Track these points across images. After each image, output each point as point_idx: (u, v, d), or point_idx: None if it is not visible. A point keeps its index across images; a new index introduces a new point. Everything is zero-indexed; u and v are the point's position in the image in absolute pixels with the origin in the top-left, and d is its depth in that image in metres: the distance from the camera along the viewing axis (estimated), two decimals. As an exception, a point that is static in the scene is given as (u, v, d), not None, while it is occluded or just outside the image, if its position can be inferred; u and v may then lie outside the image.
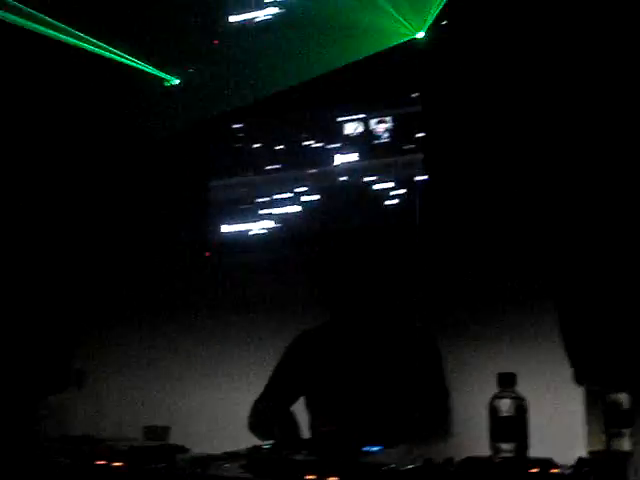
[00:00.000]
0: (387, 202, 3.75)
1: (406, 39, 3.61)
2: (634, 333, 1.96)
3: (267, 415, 2.77)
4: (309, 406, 2.88)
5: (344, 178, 3.89)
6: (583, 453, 1.90)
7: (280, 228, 4.01)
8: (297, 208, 3.98)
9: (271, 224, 4.03)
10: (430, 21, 3.58)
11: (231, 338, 3.96)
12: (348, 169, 3.90)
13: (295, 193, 3.99)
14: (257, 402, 2.91)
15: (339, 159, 3.91)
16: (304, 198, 3.97)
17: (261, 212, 4.06)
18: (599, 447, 2.08)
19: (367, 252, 2.88)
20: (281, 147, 4.06)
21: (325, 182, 3.92)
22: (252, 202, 4.09)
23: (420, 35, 3.64)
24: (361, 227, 3.74)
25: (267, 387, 2.94)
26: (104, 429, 3.08)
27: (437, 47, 3.57)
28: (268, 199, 4.06)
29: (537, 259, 3.12)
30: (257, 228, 4.06)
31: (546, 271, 2.49)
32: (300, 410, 2.88)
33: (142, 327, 4.21)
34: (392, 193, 3.75)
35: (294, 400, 2.90)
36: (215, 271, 4.11)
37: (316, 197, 3.93)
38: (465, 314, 3.37)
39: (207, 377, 4.01)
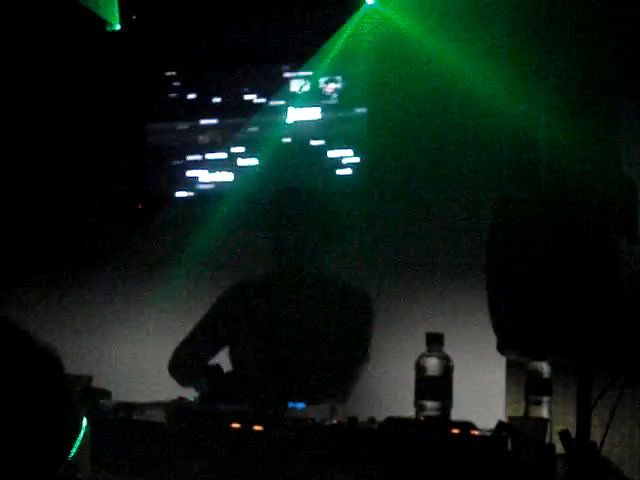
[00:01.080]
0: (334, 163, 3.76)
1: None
2: (555, 304, 2.00)
3: (192, 364, 2.76)
4: (234, 358, 2.86)
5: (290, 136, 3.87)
6: (503, 419, 1.94)
7: (219, 184, 3.98)
8: (239, 163, 3.95)
9: (210, 177, 4.00)
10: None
11: (157, 290, 3.92)
12: (293, 126, 3.87)
13: (234, 150, 3.97)
14: (179, 347, 2.89)
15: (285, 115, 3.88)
16: (244, 155, 3.94)
17: (199, 165, 4.03)
18: (518, 413, 2.14)
19: (310, 209, 2.84)
20: (224, 100, 4.01)
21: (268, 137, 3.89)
22: (191, 154, 4.05)
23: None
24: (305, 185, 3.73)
25: (192, 333, 2.92)
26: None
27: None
28: (206, 153, 4.02)
29: (471, 225, 3.20)
30: (194, 181, 4.02)
31: (479, 239, 2.52)
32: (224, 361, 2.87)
33: (65, 276, 4.13)
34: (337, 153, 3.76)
35: (217, 349, 2.89)
36: (146, 223, 4.06)
37: (256, 153, 3.91)
38: (399, 275, 3.42)
39: (131, 328, 3.97)
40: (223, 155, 3.98)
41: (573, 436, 1.90)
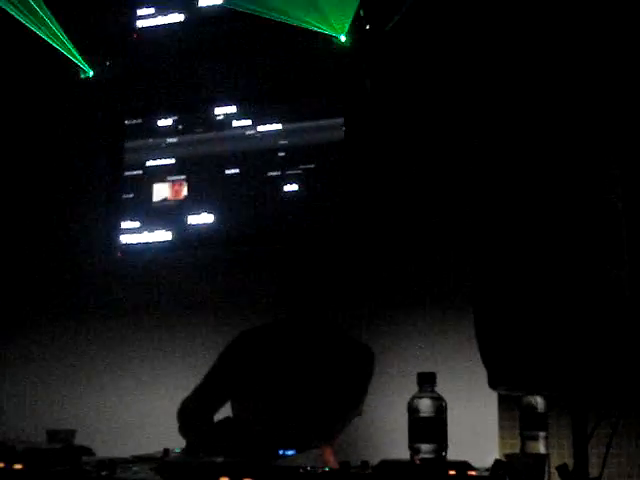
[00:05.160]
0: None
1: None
2: (548, 337, 1.96)
3: (192, 417, 2.71)
4: (235, 407, 2.83)
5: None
6: (497, 456, 1.90)
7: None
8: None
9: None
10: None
11: (139, 341, 3.86)
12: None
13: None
14: (185, 400, 2.85)
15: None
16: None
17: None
18: (514, 450, 2.09)
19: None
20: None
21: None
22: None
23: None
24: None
25: (200, 386, 2.88)
26: (3, 433, 2.93)
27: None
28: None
29: (456, 262, 3.17)
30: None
31: (464, 274, 2.49)
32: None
33: (45, 328, 4.06)
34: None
35: (223, 401, 2.85)
36: (124, 272, 4.00)
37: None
38: (388, 313, 3.39)
39: (114, 381, 3.89)
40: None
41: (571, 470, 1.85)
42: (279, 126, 3.85)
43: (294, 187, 3.76)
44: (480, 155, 2.09)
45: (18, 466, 1.87)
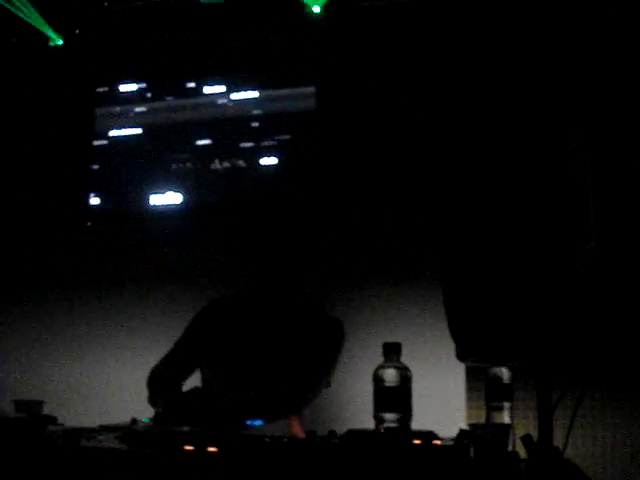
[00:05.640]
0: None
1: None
2: (514, 309, 1.98)
3: (161, 385, 2.70)
4: (203, 377, 2.83)
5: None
6: (463, 426, 1.92)
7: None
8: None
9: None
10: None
11: (108, 310, 3.84)
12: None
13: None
14: (154, 368, 2.83)
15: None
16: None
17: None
18: (479, 420, 2.11)
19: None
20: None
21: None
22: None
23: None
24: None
25: (169, 354, 2.87)
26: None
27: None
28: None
29: (425, 233, 3.19)
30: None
31: (432, 245, 2.51)
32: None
33: (11, 298, 4.03)
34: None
35: (192, 370, 2.84)
36: (96, 240, 3.98)
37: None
38: (355, 284, 3.40)
39: (82, 351, 3.88)
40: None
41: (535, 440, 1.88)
42: (254, 93, 3.81)
43: (270, 160, 3.74)
44: (451, 129, 2.09)
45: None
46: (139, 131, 4.00)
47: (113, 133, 4.03)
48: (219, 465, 1.59)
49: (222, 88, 3.89)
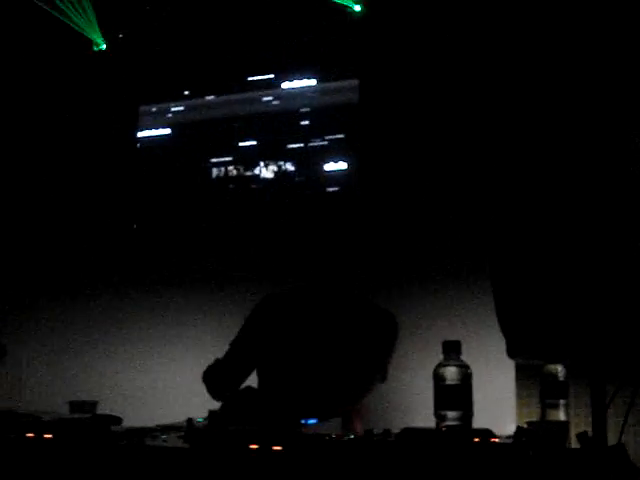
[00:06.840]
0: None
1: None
2: (567, 306, 1.97)
3: (219, 385, 2.72)
4: (260, 374, 2.81)
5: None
6: (515, 424, 1.92)
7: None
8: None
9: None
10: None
11: (159, 310, 3.88)
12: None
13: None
14: (211, 366, 2.83)
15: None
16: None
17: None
18: (531, 418, 2.11)
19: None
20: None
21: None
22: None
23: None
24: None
25: (227, 353, 2.85)
26: (28, 404, 2.96)
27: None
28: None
29: (476, 231, 3.17)
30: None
31: (484, 244, 2.51)
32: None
33: (65, 299, 4.09)
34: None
35: (249, 369, 2.82)
36: (144, 243, 4.03)
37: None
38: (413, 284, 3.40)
39: (130, 351, 3.93)
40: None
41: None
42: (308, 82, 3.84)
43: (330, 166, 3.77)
44: (503, 126, 2.09)
45: (48, 435, 1.89)
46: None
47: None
48: (283, 463, 1.61)
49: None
